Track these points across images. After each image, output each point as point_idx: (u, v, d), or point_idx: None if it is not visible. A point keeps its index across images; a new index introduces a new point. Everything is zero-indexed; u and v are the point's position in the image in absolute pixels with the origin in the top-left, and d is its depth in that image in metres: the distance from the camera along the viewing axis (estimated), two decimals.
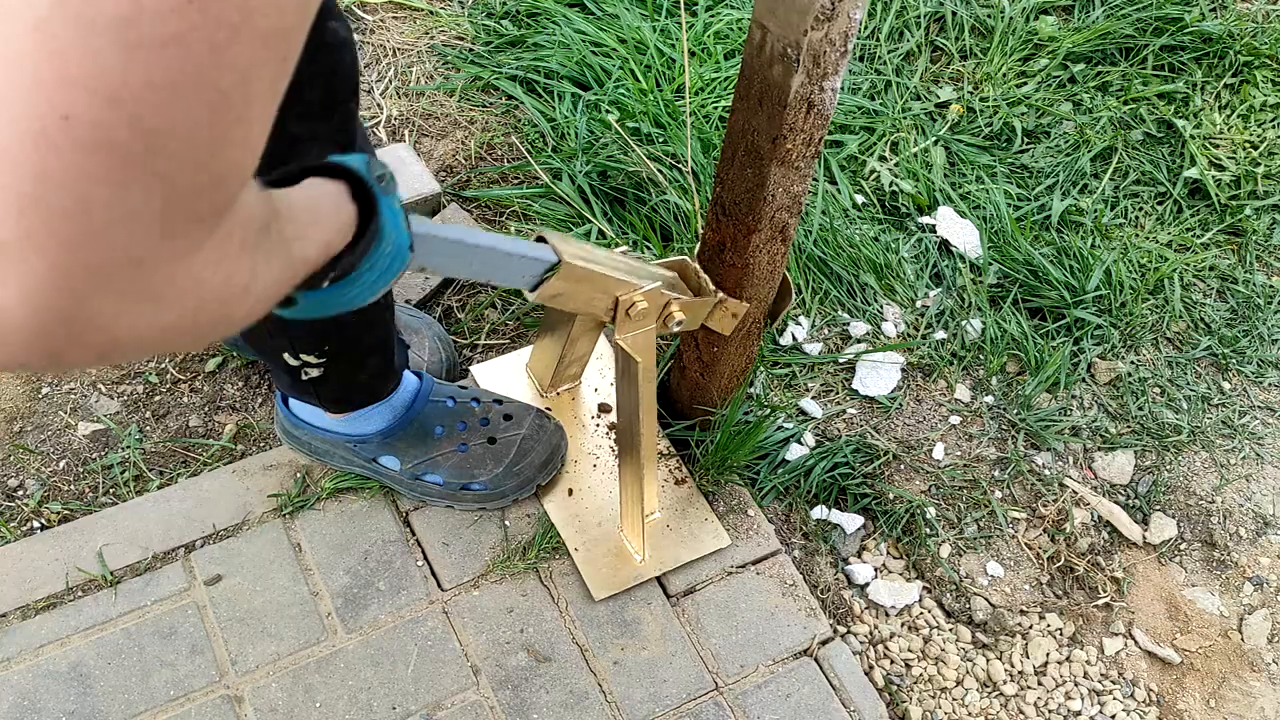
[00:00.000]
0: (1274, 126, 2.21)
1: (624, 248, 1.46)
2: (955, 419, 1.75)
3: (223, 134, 0.49)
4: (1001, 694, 1.53)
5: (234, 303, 0.58)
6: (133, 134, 0.45)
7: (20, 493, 1.52)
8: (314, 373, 1.34)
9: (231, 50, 0.47)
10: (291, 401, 1.49)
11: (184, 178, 0.48)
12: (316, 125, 1.08)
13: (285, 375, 1.36)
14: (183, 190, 0.48)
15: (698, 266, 1.37)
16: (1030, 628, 1.59)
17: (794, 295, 1.45)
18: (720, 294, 1.36)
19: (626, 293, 1.26)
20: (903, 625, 1.57)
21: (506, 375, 1.66)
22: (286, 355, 1.30)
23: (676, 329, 1.34)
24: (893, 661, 1.53)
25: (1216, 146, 2.16)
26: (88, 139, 0.44)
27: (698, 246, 1.40)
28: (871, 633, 1.55)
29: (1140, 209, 2.07)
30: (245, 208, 0.56)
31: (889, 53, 2.20)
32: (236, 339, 1.60)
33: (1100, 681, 1.56)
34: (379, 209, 0.83)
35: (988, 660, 1.55)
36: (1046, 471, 1.72)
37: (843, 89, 2.12)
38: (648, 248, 1.80)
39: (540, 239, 1.19)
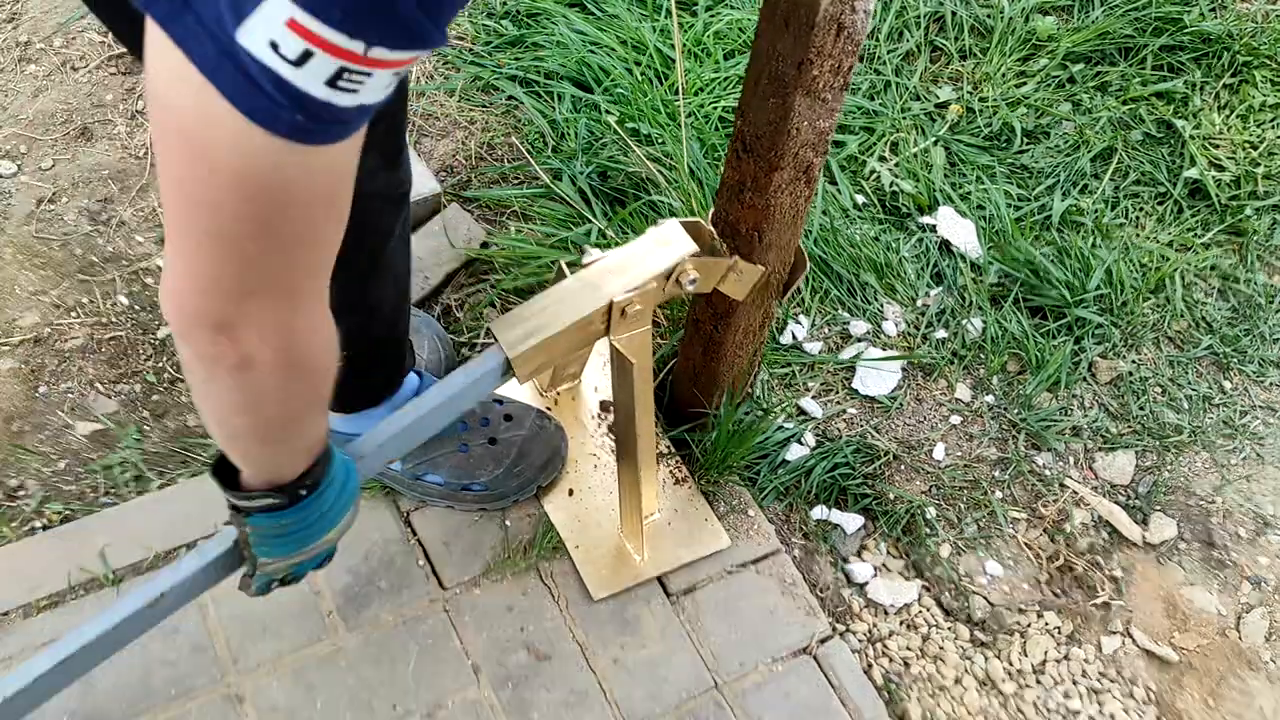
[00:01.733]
0: (1274, 126, 2.21)
1: (613, 250, 1.44)
2: (956, 419, 1.76)
3: (288, 260, 0.74)
4: (1000, 692, 1.53)
5: (325, 368, 0.87)
6: (254, 255, 0.73)
7: (21, 493, 1.52)
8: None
9: (283, 215, 0.70)
10: None
11: (271, 287, 0.75)
12: (373, 134, 1.10)
13: None
14: (301, 270, 0.77)
15: (711, 229, 1.32)
16: (1029, 626, 1.59)
17: (808, 266, 1.41)
18: (735, 258, 1.32)
19: (619, 297, 1.23)
20: (902, 624, 1.57)
21: None
22: None
23: (690, 287, 1.28)
24: (892, 660, 1.53)
25: (1216, 146, 2.17)
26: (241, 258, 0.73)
27: (710, 212, 1.36)
28: (870, 631, 1.55)
29: (1140, 209, 2.07)
30: (329, 333, 0.85)
31: (889, 53, 2.20)
32: None
33: (1099, 680, 1.56)
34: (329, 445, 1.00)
35: (986, 659, 1.55)
36: (1047, 471, 1.73)
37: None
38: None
39: (479, 333, 1.20)
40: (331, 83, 0.63)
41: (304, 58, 0.61)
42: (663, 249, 1.27)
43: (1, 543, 1.46)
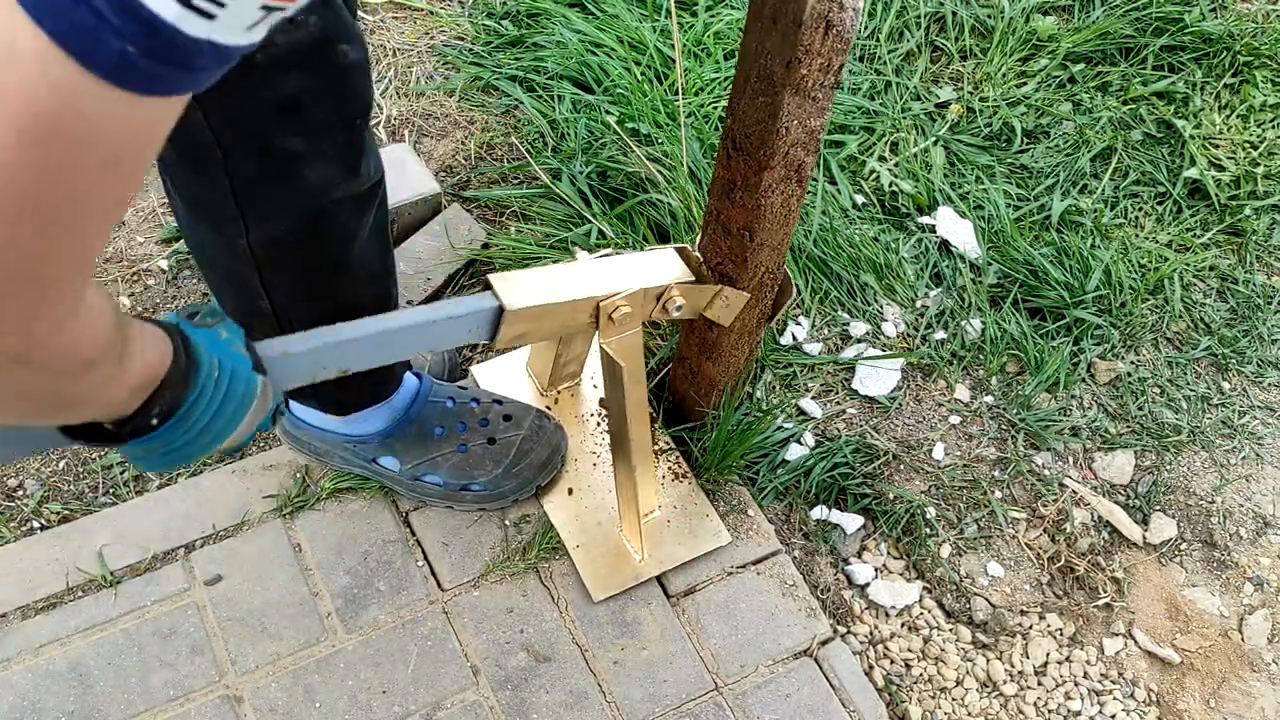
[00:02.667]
0: (1274, 126, 2.21)
1: (609, 250, 1.45)
2: (955, 419, 1.75)
3: (50, 245, 0.55)
4: (1001, 694, 1.53)
5: (76, 378, 0.67)
6: None
7: (20, 493, 1.52)
8: None
9: (59, 181, 0.52)
10: (291, 402, 1.49)
11: (15, 278, 0.54)
12: (319, 143, 1.09)
13: None
14: (30, 286, 0.55)
15: (697, 255, 1.35)
16: (1030, 628, 1.59)
17: (795, 292, 1.43)
18: (721, 286, 1.34)
19: (605, 299, 1.24)
20: (903, 625, 1.57)
21: (507, 374, 1.66)
22: None
23: (676, 314, 1.30)
24: (893, 661, 1.53)
25: (1216, 146, 2.16)
26: None
27: (698, 238, 1.38)
28: (871, 633, 1.55)
29: (1140, 209, 2.07)
30: (93, 307, 0.64)
31: (889, 53, 2.20)
32: None
33: (1100, 681, 1.56)
34: (188, 336, 0.83)
35: (988, 660, 1.55)
36: (1046, 471, 1.72)
37: (843, 89, 2.12)
38: (642, 246, 1.80)
39: (486, 285, 1.17)
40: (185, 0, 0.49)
41: None
42: (657, 268, 1.31)
43: (0, 543, 1.46)
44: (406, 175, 1.85)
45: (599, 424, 1.63)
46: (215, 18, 0.50)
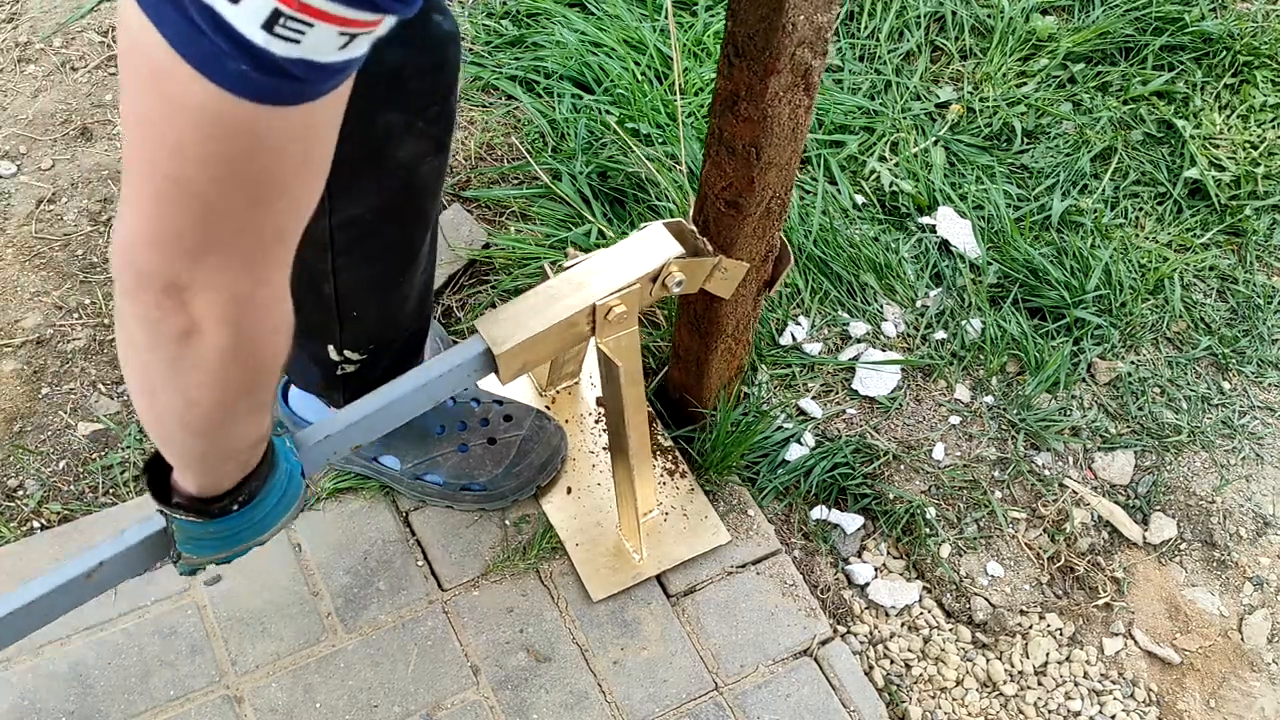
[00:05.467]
0: (1274, 126, 2.21)
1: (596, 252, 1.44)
2: (955, 419, 1.75)
3: (249, 217, 0.69)
4: (1001, 694, 1.53)
5: (277, 350, 0.80)
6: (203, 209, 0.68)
7: (20, 493, 1.52)
8: (350, 368, 1.34)
9: (242, 169, 0.65)
10: (292, 400, 1.49)
11: (225, 238, 0.70)
12: (416, 118, 1.09)
13: (317, 369, 1.36)
14: (230, 241, 0.70)
15: (694, 229, 1.32)
16: (1030, 628, 1.59)
17: (791, 260, 1.41)
18: (720, 256, 1.31)
19: (602, 301, 1.23)
20: (903, 625, 1.57)
21: None
22: (330, 349, 1.30)
23: (677, 289, 1.28)
24: (893, 661, 1.53)
25: (1216, 146, 2.16)
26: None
27: (691, 210, 1.34)
28: (871, 633, 1.55)
29: (1140, 209, 2.07)
30: (288, 314, 0.79)
31: (889, 53, 2.20)
32: None
33: (1100, 681, 1.56)
34: (271, 440, 0.95)
35: (988, 660, 1.55)
36: (1046, 471, 1.72)
37: (843, 89, 2.13)
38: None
39: (471, 329, 1.18)
40: (268, 26, 0.59)
41: None
42: (647, 251, 1.27)
43: (0, 543, 1.46)
44: None
45: (597, 424, 1.63)
46: (300, 42, 0.60)
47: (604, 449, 1.60)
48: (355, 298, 1.24)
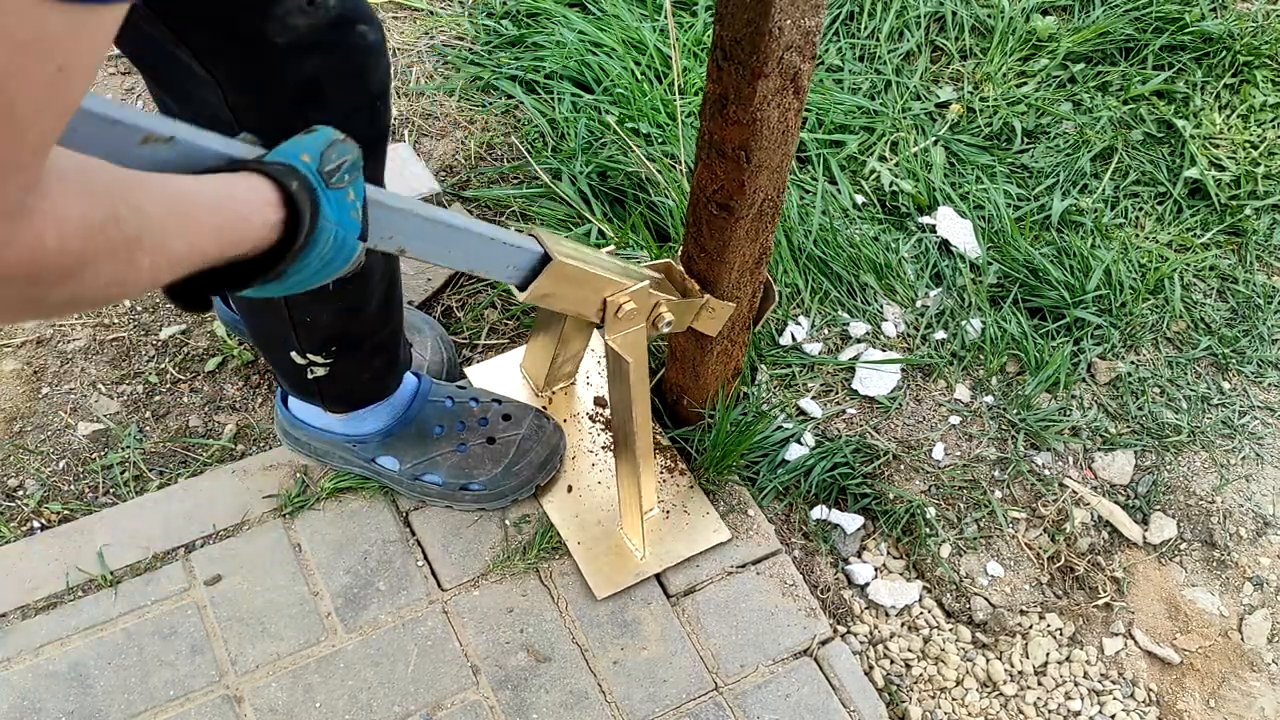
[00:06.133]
0: (1274, 126, 2.21)
1: (610, 248, 1.46)
2: (955, 419, 1.75)
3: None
4: (1001, 694, 1.53)
5: (61, 283, 0.64)
6: None
7: (20, 493, 1.52)
8: (319, 372, 1.34)
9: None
10: (291, 402, 1.49)
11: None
12: (340, 126, 1.09)
13: (290, 375, 1.37)
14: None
15: (682, 270, 1.36)
16: (1030, 628, 1.59)
17: (776, 299, 1.44)
18: (706, 295, 1.35)
19: (614, 293, 1.25)
20: (903, 625, 1.57)
21: (501, 376, 1.66)
22: (294, 354, 1.31)
23: (665, 329, 1.33)
24: (893, 661, 1.53)
25: (1216, 146, 2.16)
26: None
27: (680, 249, 1.38)
28: (871, 633, 1.55)
29: (1140, 209, 2.07)
30: (59, 208, 0.62)
31: (889, 53, 2.20)
32: (245, 334, 1.61)
33: (1100, 681, 1.56)
34: (318, 210, 0.82)
35: (988, 660, 1.55)
36: (1046, 471, 1.72)
37: (843, 88, 2.13)
38: (641, 247, 1.80)
39: (531, 234, 1.18)
40: None
41: None
42: (650, 278, 1.32)
43: (0, 543, 1.46)
44: (406, 175, 1.85)
45: (595, 423, 1.63)
46: None
47: (603, 448, 1.60)
48: (301, 304, 1.25)
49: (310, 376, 1.35)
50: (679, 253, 1.39)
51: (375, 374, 1.42)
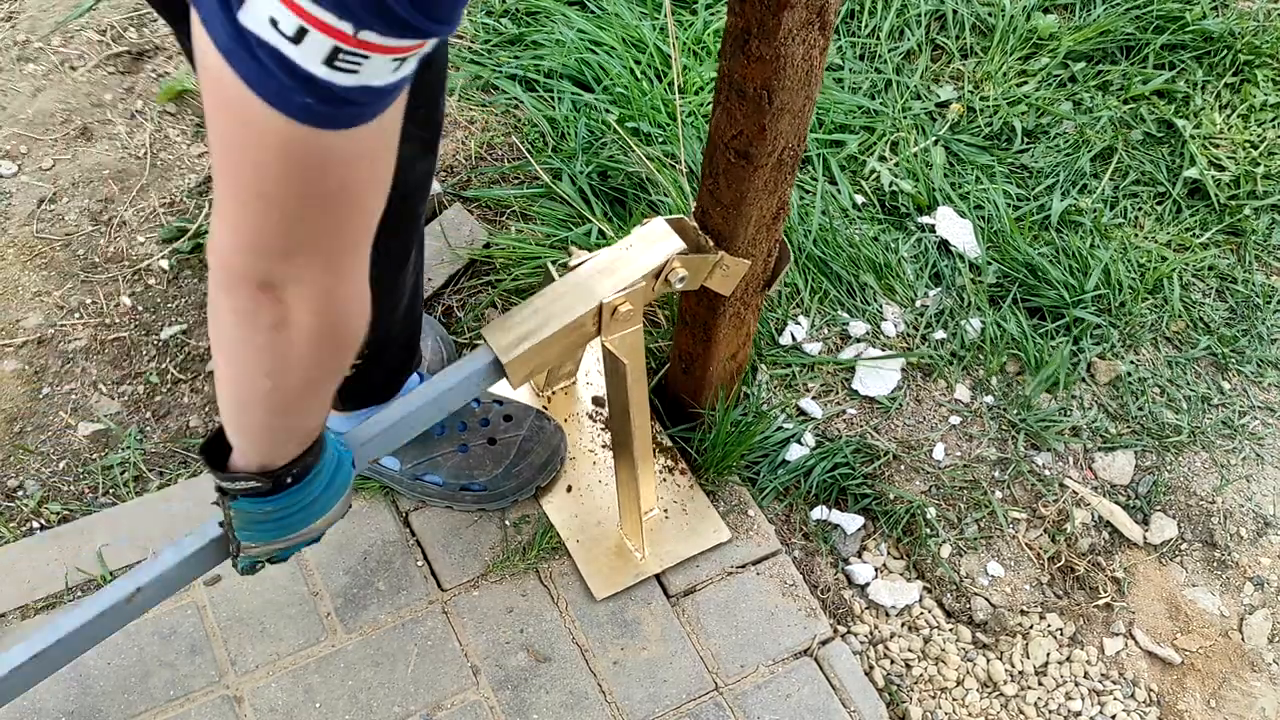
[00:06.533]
0: (1274, 126, 2.21)
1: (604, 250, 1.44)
2: (955, 419, 1.75)
3: (327, 223, 0.77)
4: (1002, 694, 1.53)
5: (356, 336, 0.88)
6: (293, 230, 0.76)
7: (20, 493, 1.52)
8: (348, 372, 1.34)
9: (315, 183, 0.74)
10: None
11: (307, 243, 0.77)
12: (404, 121, 1.11)
13: None
14: (337, 244, 0.80)
15: (696, 225, 1.31)
16: (1030, 628, 1.59)
17: (790, 259, 1.40)
18: (721, 253, 1.30)
19: (606, 299, 1.23)
20: (903, 625, 1.57)
21: None
22: None
23: (679, 286, 1.28)
24: (893, 661, 1.53)
25: (1216, 146, 2.16)
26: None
27: (694, 204, 1.33)
28: (872, 633, 1.55)
29: (1140, 209, 2.07)
30: (366, 307, 0.87)
31: (889, 52, 2.20)
32: None
33: (1100, 682, 1.56)
34: (322, 434, 1.01)
35: (988, 660, 1.55)
36: (1046, 471, 1.72)
37: (843, 88, 2.12)
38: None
39: (478, 335, 1.20)
40: (329, 62, 0.65)
41: (300, 34, 0.64)
42: (650, 248, 1.27)
43: (0, 543, 1.46)
44: None
45: (595, 423, 1.63)
46: (358, 72, 0.67)
47: (603, 447, 1.60)
48: None
49: None
50: (693, 206, 1.35)
51: (391, 370, 1.42)
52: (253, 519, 1.02)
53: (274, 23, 0.64)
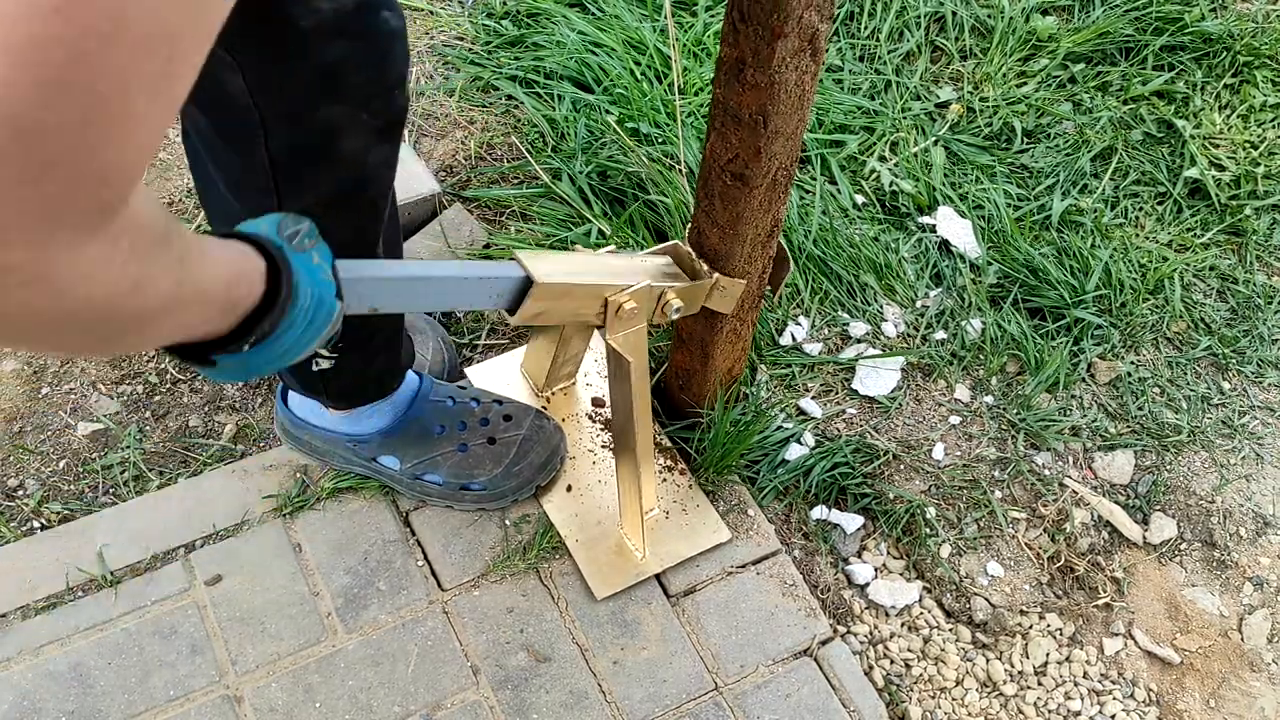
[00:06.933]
0: (1274, 126, 2.21)
1: (610, 247, 1.46)
2: (955, 419, 1.75)
3: (101, 134, 0.50)
4: (1001, 694, 1.53)
5: (121, 302, 0.60)
6: (8, 132, 0.47)
7: (20, 493, 1.52)
8: (325, 364, 1.34)
9: (103, 55, 0.48)
10: (291, 400, 1.49)
11: (63, 174, 0.49)
12: (358, 112, 1.10)
13: (296, 367, 1.36)
14: (64, 185, 0.50)
15: (690, 251, 1.33)
16: (1030, 628, 1.59)
17: (790, 266, 1.41)
18: (716, 275, 1.32)
19: (614, 294, 1.25)
20: (903, 625, 1.57)
21: (501, 376, 1.66)
22: None
23: (676, 315, 1.31)
24: (892, 661, 1.53)
25: (1216, 146, 2.16)
26: None
27: (688, 230, 1.36)
28: (871, 633, 1.55)
29: (1140, 209, 2.07)
30: (138, 214, 0.58)
31: (889, 53, 2.20)
32: None
33: (1100, 681, 1.56)
34: (290, 265, 0.84)
35: (988, 660, 1.55)
36: (1046, 471, 1.72)
37: (843, 88, 2.12)
38: (641, 246, 1.80)
39: (512, 258, 1.19)
40: None
41: None
42: (653, 271, 1.31)
43: (0, 543, 1.46)
44: (406, 175, 1.85)
45: (595, 423, 1.63)
46: None
47: (603, 447, 1.60)
48: None
49: (316, 369, 1.35)
50: (687, 230, 1.37)
51: (380, 370, 1.42)
52: (217, 369, 0.86)
53: None
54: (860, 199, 1.98)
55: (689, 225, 1.38)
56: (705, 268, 1.33)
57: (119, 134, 0.51)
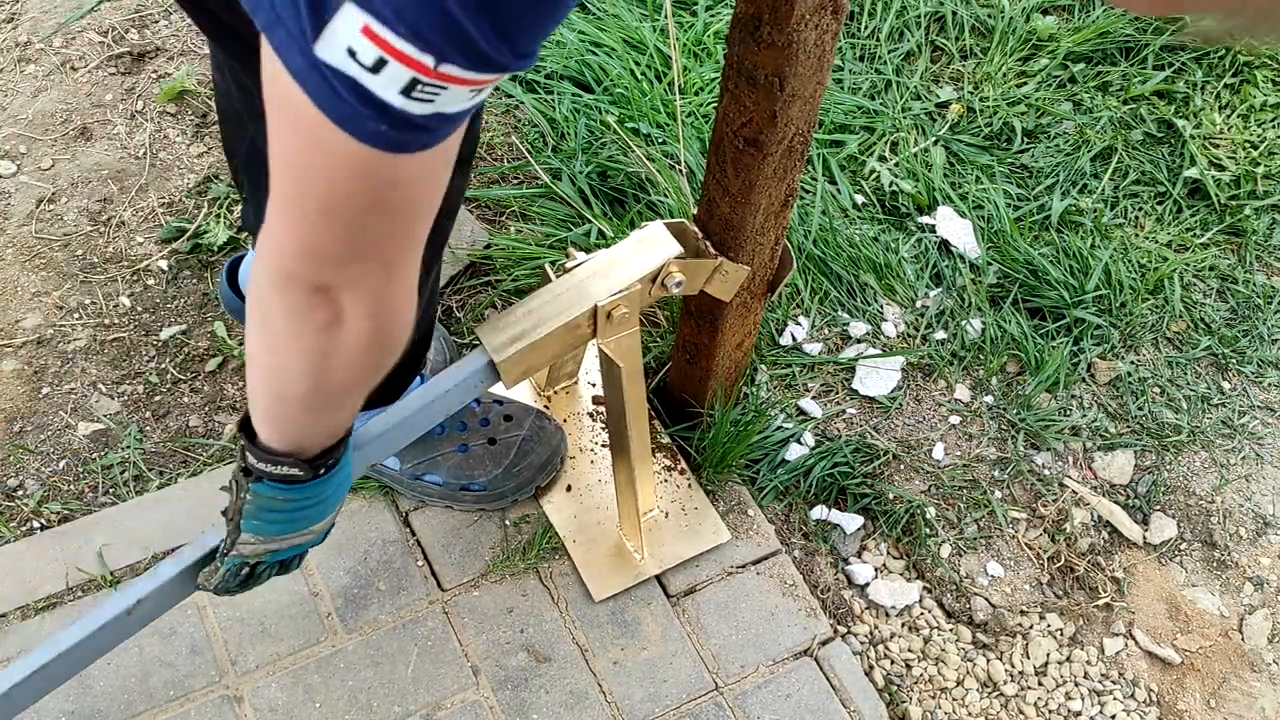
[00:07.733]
0: (1274, 126, 2.21)
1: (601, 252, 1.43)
2: (955, 419, 1.75)
3: (387, 232, 0.80)
4: (1002, 694, 1.53)
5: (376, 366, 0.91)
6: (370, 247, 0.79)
7: (20, 493, 1.52)
8: None
9: (381, 201, 0.75)
10: None
11: (368, 251, 0.79)
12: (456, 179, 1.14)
13: None
14: (393, 253, 0.82)
15: (697, 230, 1.30)
16: (1030, 628, 1.59)
17: (793, 265, 1.40)
18: (720, 258, 1.29)
19: (605, 302, 1.22)
20: (903, 625, 1.57)
21: None
22: None
23: (676, 290, 1.27)
24: (893, 662, 1.53)
25: (1216, 146, 2.16)
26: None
27: (700, 196, 1.32)
28: (872, 633, 1.55)
29: (1140, 209, 2.07)
30: (412, 313, 0.89)
31: (889, 53, 2.20)
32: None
33: (1100, 682, 1.56)
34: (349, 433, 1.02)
35: (988, 660, 1.55)
36: (1046, 471, 1.72)
37: (843, 88, 2.12)
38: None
39: (473, 334, 1.20)
40: (406, 92, 0.65)
41: (379, 65, 0.64)
42: (647, 251, 1.26)
43: (0, 543, 1.46)
44: None
45: (595, 422, 1.63)
46: (434, 102, 0.67)
47: (603, 447, 1.60)
48: None
49: None
50: (698, 200, 1.33)
51: (401, 366, 1.42)
52: (269, 506, 1.01)
53: (352, 53, 0.63)
54: (860, 199, 1.98)
55: (696, 201, 1.31)
56: (709, 248, 1.29)
57: (402, 231, 0.81)
